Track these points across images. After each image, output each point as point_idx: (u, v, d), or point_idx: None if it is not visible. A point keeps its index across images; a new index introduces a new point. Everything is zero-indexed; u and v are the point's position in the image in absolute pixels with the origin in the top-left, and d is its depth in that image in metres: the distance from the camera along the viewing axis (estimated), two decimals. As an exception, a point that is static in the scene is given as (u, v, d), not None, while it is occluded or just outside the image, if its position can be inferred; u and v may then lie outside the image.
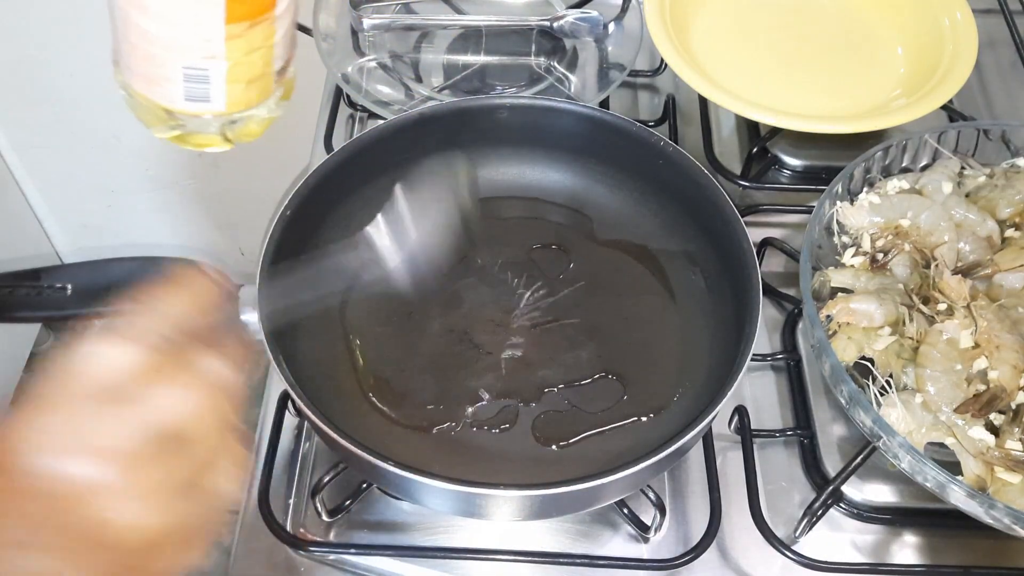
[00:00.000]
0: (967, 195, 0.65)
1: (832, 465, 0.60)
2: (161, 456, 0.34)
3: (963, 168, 0.67)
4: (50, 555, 0.32)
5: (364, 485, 0.59)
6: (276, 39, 0.42)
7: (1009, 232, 0.63)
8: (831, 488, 0.58)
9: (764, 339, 0.68)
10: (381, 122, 0.66)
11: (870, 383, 0.56)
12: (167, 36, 0.39)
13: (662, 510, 0.58)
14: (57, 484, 0.32)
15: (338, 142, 0.77)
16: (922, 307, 0.58)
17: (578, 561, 0.57)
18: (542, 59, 0.83)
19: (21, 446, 0.32)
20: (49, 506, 0.32)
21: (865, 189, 0.66)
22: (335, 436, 0.50)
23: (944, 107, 0.74)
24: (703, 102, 0.80)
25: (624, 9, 0.84)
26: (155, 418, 0.34)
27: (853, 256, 0.63)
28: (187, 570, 0.36)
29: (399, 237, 0.47)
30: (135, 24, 0.39)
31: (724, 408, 0.53)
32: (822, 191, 0.63)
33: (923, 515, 0.60)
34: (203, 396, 0.35)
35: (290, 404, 0.62)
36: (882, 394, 0.56)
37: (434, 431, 0.58)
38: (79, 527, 0.32)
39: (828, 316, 0.59)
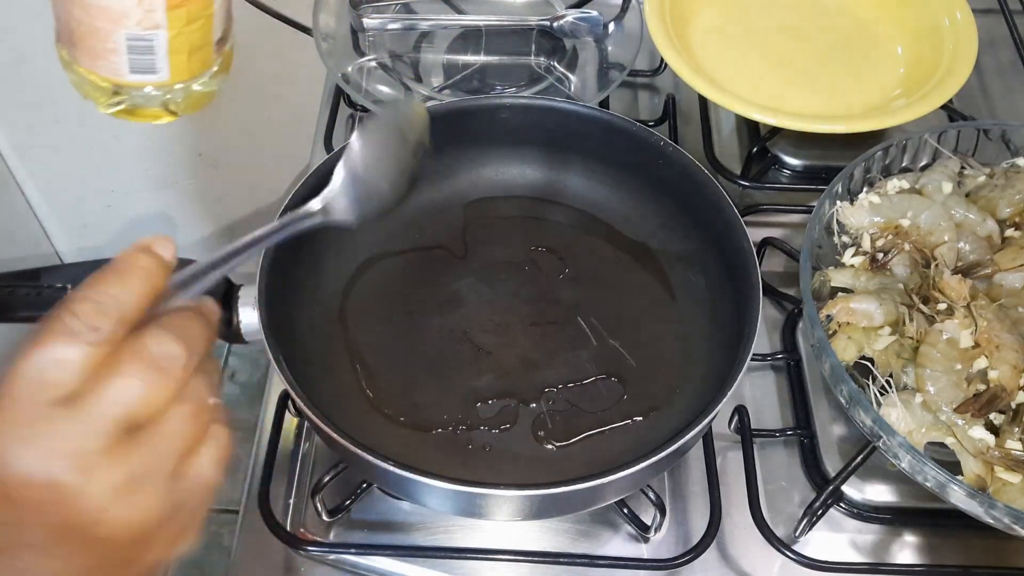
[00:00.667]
0: (967, 195, 0.65)
1: (832, 465, 0.60)
2: (130, 446, 0.33)
3: (963, 168, 0.67)
4: (40, 556, 0.32)
5: (364, 485, 0.59)
6: (215, 8, 0.43)
7: (1009, 232, 0.63)
8: (831, 488, 0.58)
9: (764, 339, 0.68)
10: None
11: (870, 383, 0.56)
12: (111, 8, 0.40)
13: (662, 510, 0.58)
14: (34, 490, 0.32)
15: (338, 142, 0.77)
16: (922, 307, 0.58)
17: (578, 561, 0.57)
18: (542, 59, 0.83)
19: None
20: (29, 511, 0.32)
21: (865, 189, 0.66)
22: (335, 436, 0.50)
23: (944, 107, 0.74)
24: (703, 102, 0.80)
25: (624, 9, 0.84)
26: (113, 411, 0.33)
27: (853, 256, 0.63)
28: (177, 556, 0.36)
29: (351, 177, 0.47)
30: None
31: (724, 408, 0.53)
32: (822, 191, 0.63)
33: (923, 515, 0.60)
34: (158, 380, 0.34)
35: (290, 404, 0.62)
36: (882, 394, 0.56)
37: (434, 431, 0.58)
38: (66, 527, 0.32)
39: (828, 316, 0.59)
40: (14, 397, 0.32)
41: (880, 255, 0.62)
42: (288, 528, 0.58)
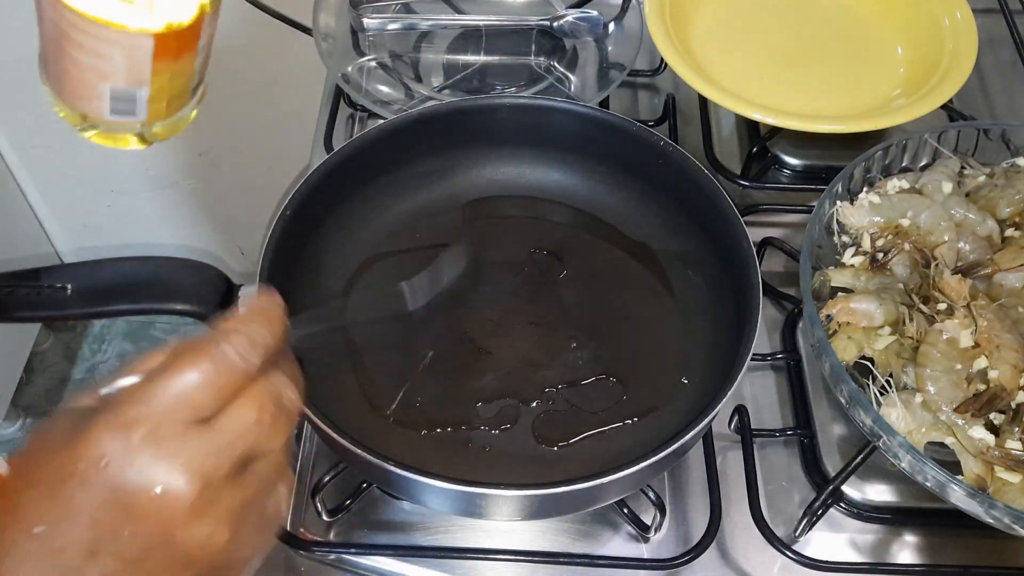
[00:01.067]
0: (967, 195, 0.65)
1: (832, 465, 0.61)
2: (235, 477, 0.35)
3: (963, 168, 0.67)
4: (128, 568, 0.33)
5: (364, 485, 0.59)
6: (196, 65, 0.45)
7: (1009, 232, 0.63)
8: (831, 488, 0.58)
9: (764, 339, 0.68)
10: (381, 122, 0.66)
11: (870, 383, 0.56)
12: (98, 68, 0.42)
13: (662, 510, 0.58)
14: (151, 503, 0.33)
15: (338, 142, 0.77)
16: (922, 307, 0.58)
17: (578, 561, 0.57)
18: (542, 59, 0.83)
19: (121, 462, 0.32)
20: (125, 518, 0.32)
21: (865, 189, 0.66)
22: (335, 436, 0.50)
23: (944, 107, 0.74)
24: (703, 102, 0.80)
25: (624, 9, 0.84)
26: (242, 443, 0.34)
27: (853, 256, 0.63)
28: None
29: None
30: (68, 55, 0.42)
31: (724, 408, 0.53)
32: (822, 191, 0.63)
33: (923, 515, 0.60)
34: (276, 419, 0.36)
35: (290, 404, 0.62)
36: (882, 394, 0.56)
37: (434, 431, 0.58)
38: (151, 541, 0.33)
39: (828, 316, 0.59)
40: (156, 410, 0.33)
41: (880, 255, 0.62)
42: (288, 528, 0.58)
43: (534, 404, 0.59)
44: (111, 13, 0.39)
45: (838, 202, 0.64)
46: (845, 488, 0.60)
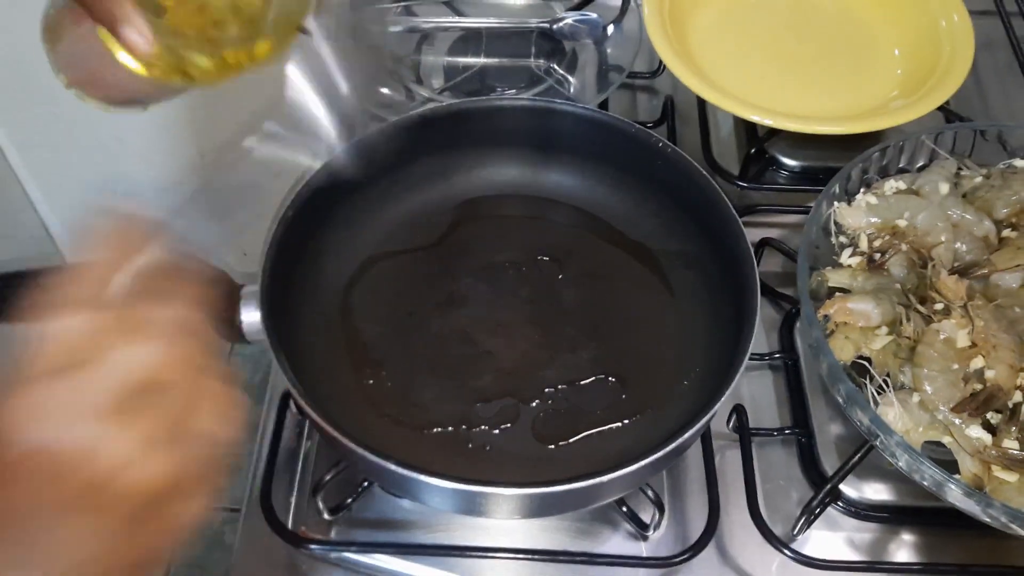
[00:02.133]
0: (964, 195, 0.66)
1: (830, 464, 0.61)
2: (141, 409, 0.34)
3: (960, 169, 0.67)
4: (64, 517, 0.33)
5: (365, 483, 0.59)
6: None
7: (1006, 232, 0.63)
8: (829, 486, 0.58)
9: (762, 338, 0.69)
10: (382, 124, 0.66)
11: (867, 382, 0.56)
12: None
13: (661, 508, 0.59)
14: (50, 455, 0.33)
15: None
16: (919, 307, 0.59)
17: (577, 559, 0.58)
18: (542, 61, 0.83)
19: (11, 427, 0.33)
20: (48, 476, 0.33)
21: (862, 190, 0.66)
22: (336, 435, 0.50)
23: (941, 108, 0.74)
24: (701, 103, 0.80)
25: (623, 11, 0.84)
26: (123, 374, 0.34)
27: (850, 256, 0.63)
28: (194, 521, 0.36)
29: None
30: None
31: (722, 407, 0.53)
32: (820, 192, 0.63)
33: (920, 514, 0.60)
34: (163, 344, 0.35)
35: (291, 403, 0.62)
36: (879, 393, 0.56)
37: (435, 430, 0.58)
38: (82, 491, 0.33)
39: (826, 316, 0.59)
40: (26, 368, 0.34)
41: (877, 255, 0.62)
42: (290, 526, 0.58)
43: (534, 403, 0.59)
44: None
45: (835, 203, 0.64)
46: (843, 487, 0.60)
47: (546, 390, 0.60)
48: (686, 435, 0.51)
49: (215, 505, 0.37)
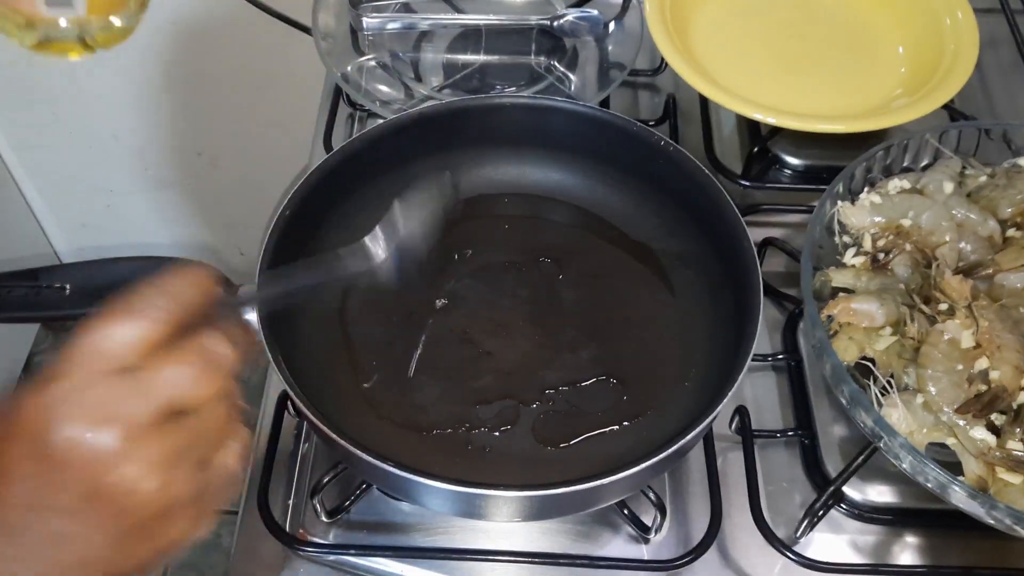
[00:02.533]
0: (968, 195, 0.65)
1: (833, 465, 0.60)
2: (171, 428, 0.36)
3: (964, 168, 0.67)
4: (68, 518, 0.34)
5: (363, 485, 0.59)
6: None
7: (1010, 232, 0.63)
8: (832, 488, 0.58)
9: (765, 339, 0.68)
10: (381, 121, 0.66)
11: (871, 383, 0.56)
12: None
13: (662, 511, 0.58)
14: (77, 452, 0.34)
15: (338, 141, 0.77)
16: (923, 307, 0.58)
17: (578, 562, 0.57)
18: (542, 58, 0.82)
19: (44, 417, 0.34)
20: (69, 472, 0.34)
21: (866, 189, 0.65)
22: (334, 437, 0.50)
23: (945, 107, 0.74)
24: (704, 101, 0.80)
25: (624, 8, 0.84)
26: (164, 391, 0.35)
27: (854, 256, 0.63)
28: (190, 542, 0.37)
29: (393, 244, 0.50)
30: None
31: (725, 408, 0.53)
32: (823, 191, 0.63)
33: (924, 516, 0.60)
34: (208, 373, 0.37)
35: (289, 404, 0.62)
36: (883, 394, 0.56)
37: (434, 431, 0.58)
38: (97, 493, 0.34)
39: (829, 316, 0.59)
40: (72, 364, 0.35)
41: (881, 255, 0.62)
42: (287, 529, 0.58)
43: (534, 405, 0.59)
44: None
45: (839, 202, 0.64)
46: (846, 489, 0.59)
47: (546, 391, 0.60)
48: (688, 437, 0.50)
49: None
